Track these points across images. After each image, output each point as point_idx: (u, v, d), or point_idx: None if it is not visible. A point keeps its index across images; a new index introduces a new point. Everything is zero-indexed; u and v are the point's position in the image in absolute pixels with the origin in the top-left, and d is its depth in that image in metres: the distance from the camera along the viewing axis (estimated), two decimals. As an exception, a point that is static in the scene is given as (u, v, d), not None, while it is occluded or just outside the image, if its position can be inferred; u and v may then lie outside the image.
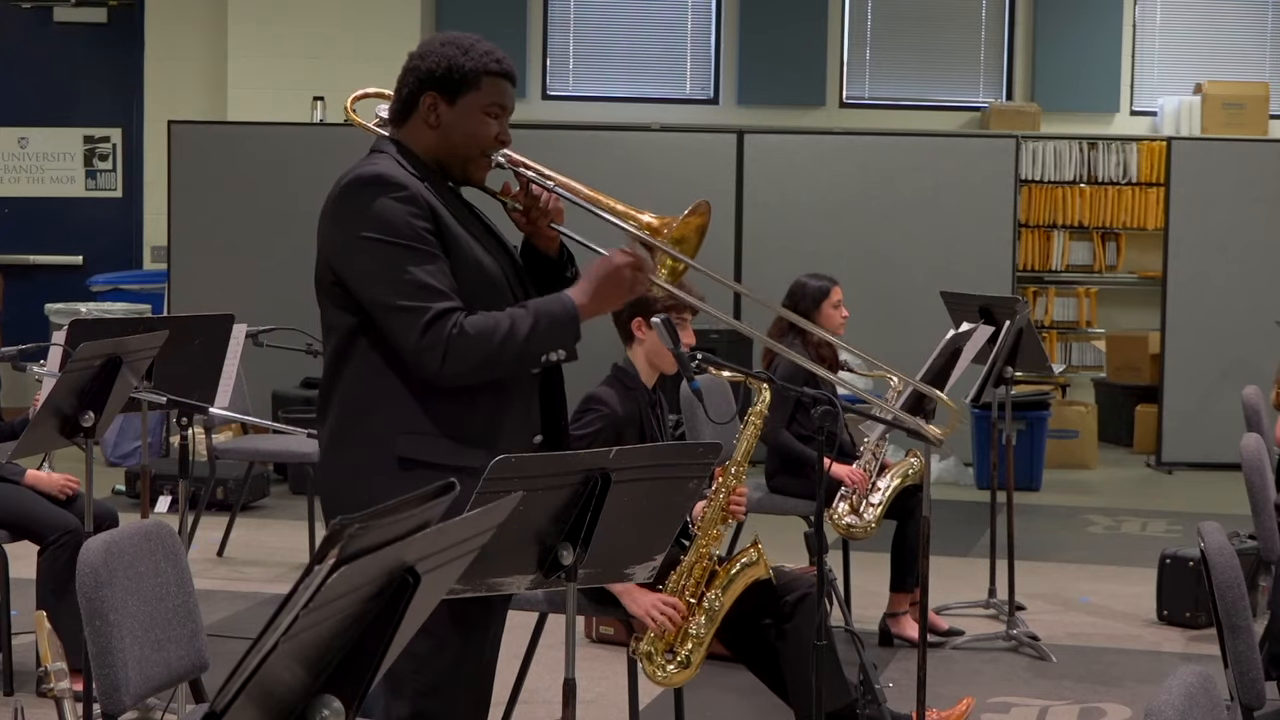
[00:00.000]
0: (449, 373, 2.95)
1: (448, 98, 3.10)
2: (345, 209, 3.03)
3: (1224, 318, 10.13)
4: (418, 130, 3.13)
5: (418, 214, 2.99)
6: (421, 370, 2.97)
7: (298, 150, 9.73)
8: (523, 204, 3.19)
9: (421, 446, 3.00)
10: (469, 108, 3.11)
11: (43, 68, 11.57)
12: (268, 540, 7.63)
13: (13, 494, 5.14)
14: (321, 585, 1.62)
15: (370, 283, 2.99)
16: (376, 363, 3.03)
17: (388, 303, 2.97)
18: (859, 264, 9.57)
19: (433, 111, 3.11)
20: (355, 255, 3.00)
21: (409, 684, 3.02)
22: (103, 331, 4.89)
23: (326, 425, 3.12)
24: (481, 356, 2.96)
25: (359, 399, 3.05)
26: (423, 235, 2.99)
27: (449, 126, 3.11)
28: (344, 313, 3.05)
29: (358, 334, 3.04)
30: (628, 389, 4.35)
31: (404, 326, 2.95)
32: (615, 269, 3.07)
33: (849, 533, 5.82)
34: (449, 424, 3.01)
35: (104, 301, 10.61)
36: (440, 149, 3.12)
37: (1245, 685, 3.29)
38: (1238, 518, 6.27)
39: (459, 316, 2.96)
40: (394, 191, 3.00)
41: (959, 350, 5.31)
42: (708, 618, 4.18)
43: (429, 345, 2.93)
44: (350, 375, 3.06)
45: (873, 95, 11.89)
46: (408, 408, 3.01)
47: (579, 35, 11.82)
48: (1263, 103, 11.44)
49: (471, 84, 3.10)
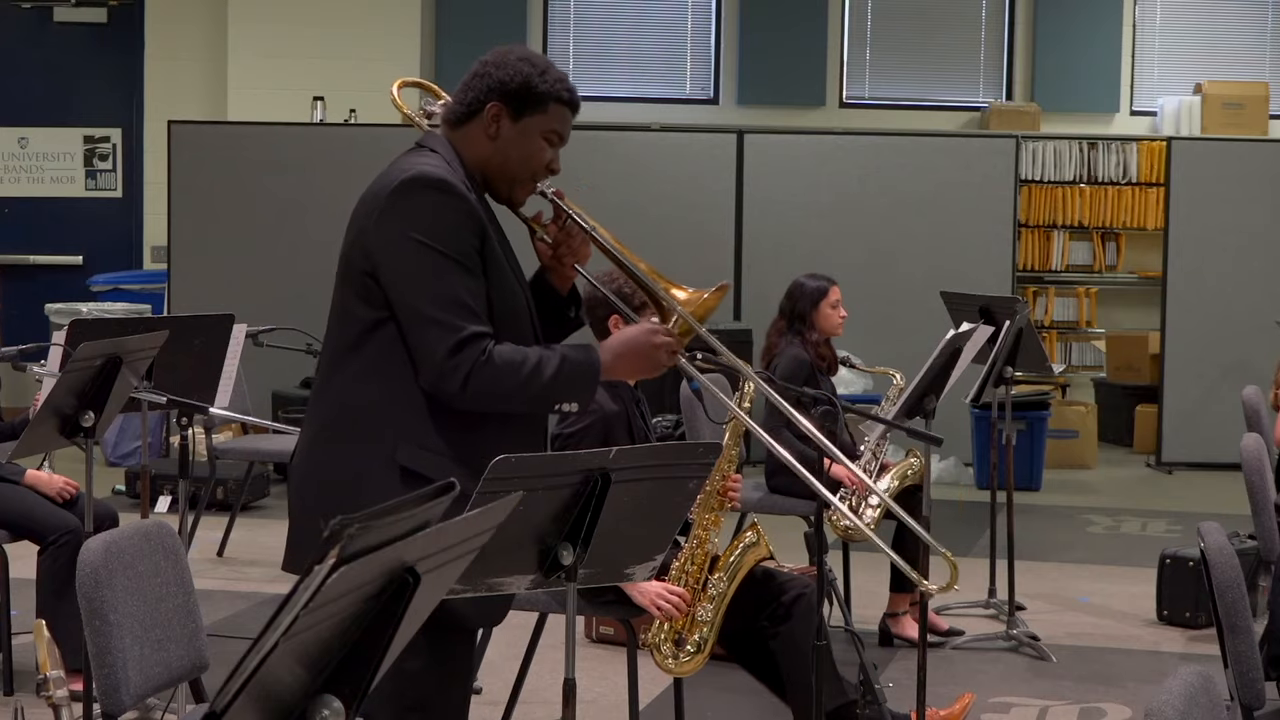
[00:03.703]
0: (468, 396, 2.91)
1: (513, 113, 3.05)
2: (403, 204, 2.95)
3: (1224, 318, 10.13)
4: (474, 138, 3.07)
5: (472, 228, 2.95)
6: (438, 387, 2.91)
7: (298, 150, 9.73)
8: (553, 238, 3.14)
9: (423, 461, 2.94)
10: (531, 128, 3.06)
11: (43, 68, 11.57)
12: (268, 540, 7.62)
13: (13, 494, 5.14)
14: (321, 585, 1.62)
15: (409, 287, 2.93)
16: (392, 364, 2.96)
17: (423, 312, 2.91)
18: (859, 264, 9.58)
19: (495, 123, 3.05)
20: (402, 255, 2.93)
21: (394, 700, 2.98)
22: (103, 331, 4.89)
23: (320, 413, 3.05)
24: (503, 390, 2.92)
25: (367, 396, 2.98)
26: (471, 252, 2.94)
27: (507, 141, 3.05)
28: (368, 306, 2.97)
29: (377, 330, 2.97)
30: (612, 386, 4.36)
31: (434, 340, 2.89)
32: (652, 346, 3.03)
33: (848, 535, 5.82)
34: (454, 445, 2.96)
35: (104, 301, 10.61)
36: (492, 162, 3.07)
37: (1245, 685, 3.29)
38: (1238, 518, 6.27)
39: (489, 344, 2.91)
40: (454, 200, 2.95)
41: (959, 350, 5.30)
42: (714, 603, 4.19)
43: (455, 366, 2.88)
44: (361, 369, 2.99)
45: (873, 95, 11.89)
46: (417, 418, 2.95)
47: (579, 35, 11.83)
48: (1263, 103, 11.44)
49: (540, 106, 3.05)
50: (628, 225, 3.18)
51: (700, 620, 4.19)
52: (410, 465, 2.94)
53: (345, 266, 3.03)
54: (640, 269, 3.12)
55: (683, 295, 3.08)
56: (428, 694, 3.04)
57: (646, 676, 4.47)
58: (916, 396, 5.14)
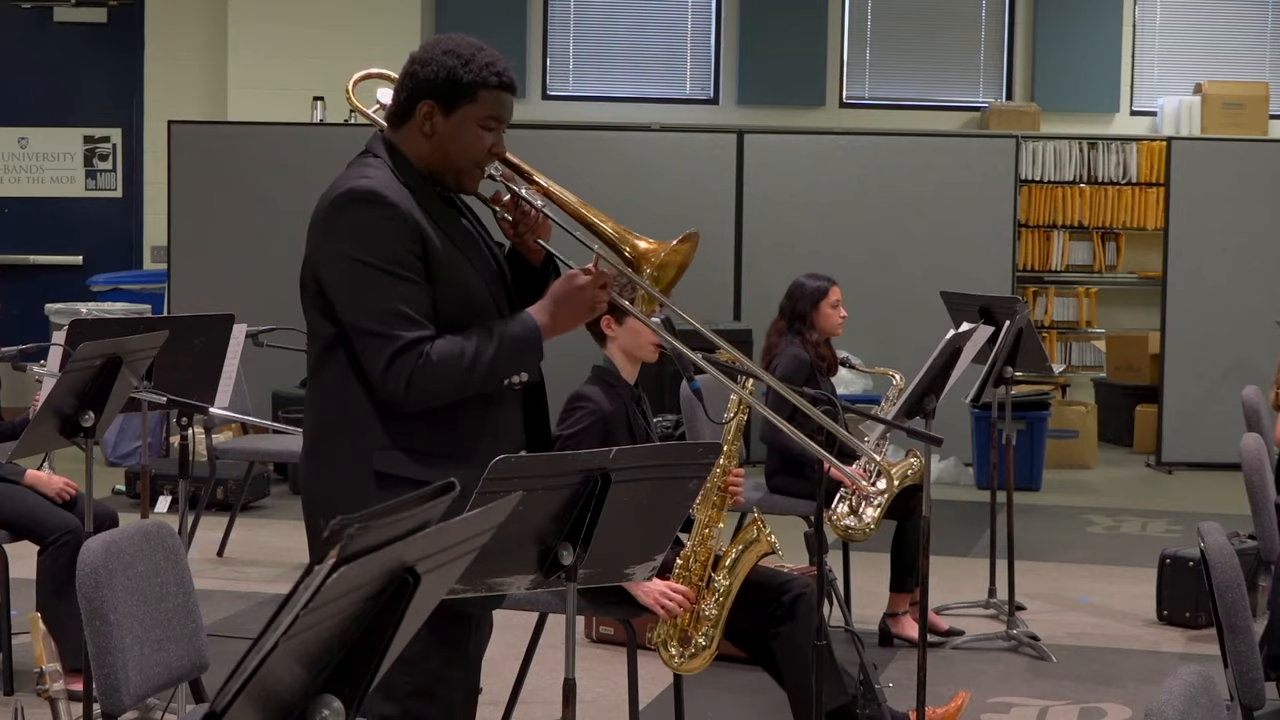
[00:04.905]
0: (413, 399, 2.97)
1: (444, 108, 3.07)
2: (335, 223, 3.02)
3: (1224, 318, 10.13)
4: (412, 136, 3.11)
5: (404, 235, 2.98)
6: (385, 396, 2.98)
7: (298, 150, 9.73)
8: (512, 215, 3.18)
9: (396, 462, 3.00)
10: (465, 119, 3.08)
11: (43, 68, 11.57)
12: (268, 540, 7.62)
13: (13, 494, 5.13)
14: (321, 585, 1.62)
15: (347, 303, 3.00)
16: (353, 376, 3.03)
17: (361, 326, 2.98)
18: (859, 264, 9.58)
19: (428, 120, 3.08)
20: (336, 272, 3.01)
21: (399, 685, 3.01)
22: (103, 331, 4.89)
23: (308, 430, 3.14)
24: (446, 385, 2.98)
25: (336, 410, 3.06)
26: (406, 259, 2.98)
27: (443, 136, 3.08)
28: (326, 321, 3.06)
29: (337, 345, 3.05)
30: (611, 387, 4.37)
31: (374, 352, 2.97)
32: (577, 289, 3.07)
33: (848, 535, 5.82)
34: (424, 440, 3.02)
35: (104, 301, 10.61)
36: (433, 158, 3.10)
37: (1245, 685, 3.29)
38: (1238, 518, 6.27)
39: (426, 346, 2.96)
40: (383, 210, 2.98)
41: (959, 350, 5.30)
42: (718, 599, 4.20)
43: (395, 374, 2.95)
44: (329, 385, 3.07)
45: (873, 95, 11.89)
46: (384, 423, 3.01)
47: (579, 35, 11.82)
48: (1263, 103, 11.44)
49: (469, 95, 3.07)
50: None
51: (705, 617, 4.19)
52: (387, 470, 3.00)
53: (302, 283, 3.10)
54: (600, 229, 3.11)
55: (645, 245, 3.08)
56: (430, 680, 3.06)
57: (646, 676, 4.47)
58: (916, 396, 5.14)
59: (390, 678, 2.99)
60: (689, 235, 3.10)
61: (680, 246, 3.09)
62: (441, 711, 3.12)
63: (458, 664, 3.15)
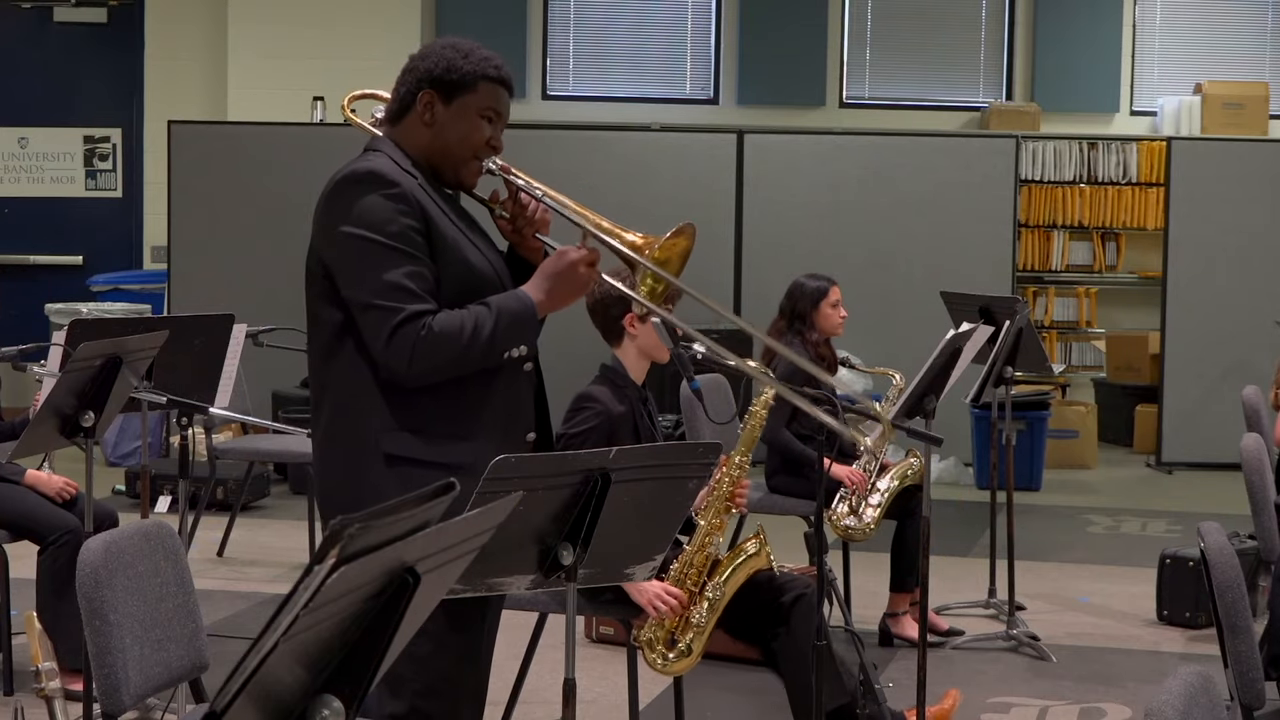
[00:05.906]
0: (416, 372, 2.98)
1: (444, 97, 3.12)
2: (336, 203, 3.05)
3: (1224, 318, 10.13)
4: (413, 128, 3.15)
5: (406, 212, 3.01)
6: (389, 371, 3.00)
7: (298, 150, 9.73)
8: (510, 212, 3.20)
9: (405, 443, 3.02)
10: (465, 108, 3.12)
11: (43, 68, 11.57)
12: (268, 540, 7.63)
13: (13, 494, 5.13)
14: (321, 585, 1.62)
15: (349, 279, 3.02)
16: (363, 363, 3.04)
17: (363, 300, 3.00)
18: (859, 264, 9.58)
19: (429, 110, 3.12)
20: (339, 250, 3.03)
21: (407, 684, 3.03)
22: (103, 331, 4.89)
23: (320, 423, 3.14)
24: (447, 357, 2.99)
25: (347, 396, 3.07)
26: (407, 235, 3.01)
27: (443, 125, 3.12)
28: (333, 308, 3.07)
29: (345, 331, 3.06)
30: (618, 387, 4.37)
31: (376, 325, 2.98)
32: (569, 265, 3.08)
33: (848, 534, 5.82)
34: (433, 420, 3.03)
35: (104, 301, 10.61)
36: (433, 148, 3.14)
37: (1245, 685, 3.29)
38: (1238, 518, 6.27)
39: (428, 319, 2.98)
40: (384, 189, 3.02)
41: (959, 350, 5.30)
42: (709, 607, 4.19)
43: (398, 346, 2.96)
44: (338, 372, 3.08)
45: (873, 95, 11.89)
46: (392, 404, 3.03)
47: (579, 35, 11.82)
48: (1262, 103, 11.43)
49: (468, 86, 3.11)
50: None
51: (693, 623, 4.18)
52: (393, 450, 3.02)
53: (308, 273, 3.12)
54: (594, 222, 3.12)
55: (637, 239, 3.09)
56: (438, 678, 3.07)
57: (646, 676, 4.47)
58: (916, 396, 5.14)
59: (398, 676, 3.02)
60: (682, 228, 3.11)
61: (674, 240, 3.10)
62: (449, 710, 3.12)
63: (466, 663, 3.15)
